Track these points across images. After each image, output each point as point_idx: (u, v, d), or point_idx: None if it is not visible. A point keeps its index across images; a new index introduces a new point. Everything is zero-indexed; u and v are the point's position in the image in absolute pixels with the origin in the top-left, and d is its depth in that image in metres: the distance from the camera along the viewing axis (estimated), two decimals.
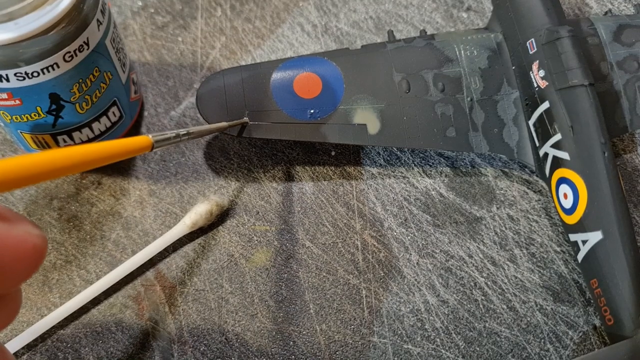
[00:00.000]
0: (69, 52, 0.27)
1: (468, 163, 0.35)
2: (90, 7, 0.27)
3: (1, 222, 0.14)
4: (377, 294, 0.31)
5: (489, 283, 0.31)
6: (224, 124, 0.31)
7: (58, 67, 0.27)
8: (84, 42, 0.28)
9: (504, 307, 0.31)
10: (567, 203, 0.30)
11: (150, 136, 0.24)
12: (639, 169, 0.35)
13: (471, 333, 0.30)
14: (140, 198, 0.34)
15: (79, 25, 0.27)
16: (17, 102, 0.28)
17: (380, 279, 0.31)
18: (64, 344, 0.30)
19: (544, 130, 0.32)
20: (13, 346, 0.29)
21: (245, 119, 0.32)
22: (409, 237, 0.33)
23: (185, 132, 0.27)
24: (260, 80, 0.33)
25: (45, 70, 0.27)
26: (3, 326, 0.17)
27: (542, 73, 0.32)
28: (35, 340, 0.29)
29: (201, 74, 0.38)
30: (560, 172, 0.31)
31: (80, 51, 0.28)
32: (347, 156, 0.35)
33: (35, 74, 0.27)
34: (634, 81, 0.34)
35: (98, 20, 0.28)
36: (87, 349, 0.30)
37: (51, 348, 0.29)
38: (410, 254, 0.32)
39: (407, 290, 0.31)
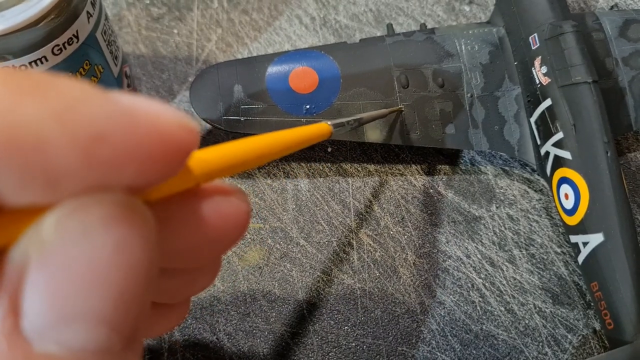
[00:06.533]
0: (58, 45, 0.27)
1: (467, 161, 0.34)
2: None
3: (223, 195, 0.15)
4: (372, 294, 0.30)
5: (486, 284, 0.31)
6: (383, 110, 0.31)
7: (47, 60, 0.27)
8: (74, 34, 0.27)
9: (502, 309, 0.30)
10: (568, 203, 0.29)
11: (329, 123, 0.23)
12: None
13: (467, 335, 0.29)
14: None
15: (68, 18, 0.26)
16: None
17: (376, 279, 0.31)
18: None
19: (545, 128, 0.31)
20: None
21: (401, 106, 0.32)
22: (405, 237, 0.32)
23: (355, 119, 0.27)
24: (255, 74, 0.32)
25: (33, 64, 0.26)
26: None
27: (544, 69, 0.31)
28: None
29: (196, 67, 0.37)
30: (562, 172, 0.30)
31: (69, 44, 0.27)
32: (344, 153, 0.34)
33: (23, 68, 0.26)
34: None
35: (88, 12, 0.28)
36: None
37: None
38: (407, 254, 0.31)
39: (402, 290, 0.30)
